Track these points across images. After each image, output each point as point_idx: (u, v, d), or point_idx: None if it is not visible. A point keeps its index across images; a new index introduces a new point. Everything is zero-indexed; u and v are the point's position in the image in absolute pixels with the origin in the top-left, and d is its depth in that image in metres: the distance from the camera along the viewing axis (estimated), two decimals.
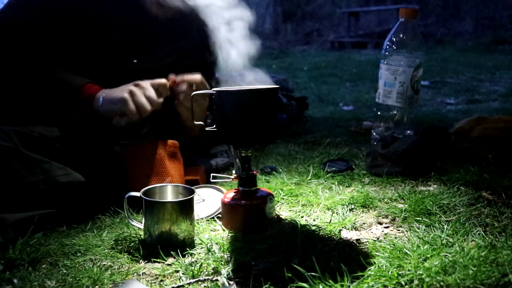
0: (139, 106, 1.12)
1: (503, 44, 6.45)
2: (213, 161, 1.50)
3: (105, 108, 1.14)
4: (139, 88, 1.13)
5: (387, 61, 1.57)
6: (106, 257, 0.89)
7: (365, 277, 0.75)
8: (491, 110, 2.63)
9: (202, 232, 1.00)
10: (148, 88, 1.14)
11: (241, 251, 0.88)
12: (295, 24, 9.89)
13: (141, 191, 0.97)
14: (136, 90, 1.12)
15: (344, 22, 8.91)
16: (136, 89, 1.13)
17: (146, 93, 1.13)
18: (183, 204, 0.95)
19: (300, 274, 0.76)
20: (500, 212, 1.02)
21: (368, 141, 1.78)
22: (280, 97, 2.25)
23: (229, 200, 1.02)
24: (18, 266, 0.85)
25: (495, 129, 1.52)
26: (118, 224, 1.06)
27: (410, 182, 1.28)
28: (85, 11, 1.22)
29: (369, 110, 2.65)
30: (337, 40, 8.42)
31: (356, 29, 8.55)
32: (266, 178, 1.37)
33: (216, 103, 0.99)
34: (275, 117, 1.00)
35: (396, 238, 0.93)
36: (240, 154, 1.03)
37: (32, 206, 0.99)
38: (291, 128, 2.14)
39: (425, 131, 1.58)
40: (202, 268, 0.83)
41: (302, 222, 1.04)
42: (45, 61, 1.18)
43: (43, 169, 1.03)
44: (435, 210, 1.05)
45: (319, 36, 9.29)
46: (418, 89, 1.58)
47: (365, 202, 1.13)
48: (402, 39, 1.55)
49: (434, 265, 0.76)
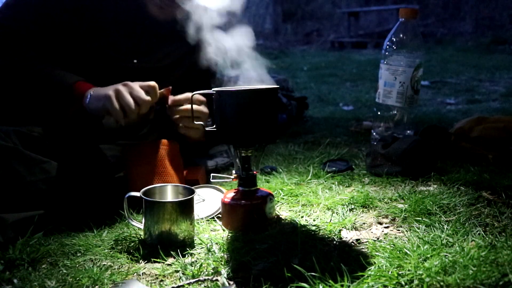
0: (123, 104, 1.08)
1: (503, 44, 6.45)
2: (213, 161, 1.50)
3: (91, 106, 1.12)
4: (126, 87, 1.11)
5: (387, 61, 1.57)
6: (106, 257, 0.89)
7: (365, 277, 0.75)
8: (491, 110, 2.63)
9: (202, 232, 1.00)
10: (135, 88, 1.11)
11: (241, 251, 0.88)
12: (295, 24, 9.89)
13: (141, 191, 0.97)
14: (122, 89, 1.10)
15: (344, 22, 8.91)
16: (123, 87, 1.10)
17: (132, 92, 1.10)
18: (183, 204, 0.95)
19: (300, 274, 0.76)
20: (500, 212, 1.02)
21: (368, 141, 1.78)
22: (280, 97, 2.25)
23: (229, 200, 1.02)
24: (18, 266, 0.85)
25: (495, 129, 1.52)
26: (118, 224, 1.06)
27: (410, 182, 1.28)
28: (85, 11, 1.22)
29: (369, 110, 2.65)
30: (337, 40, 8.41)
31: (356, 29, 8.54)
32: (266, 178, 1.37)
33: (216, 103, 0.99)
34: (275, 117, 1.00)
35: (396, 238, 0.93)
36: (240, 154, 1.03)
37: (32, 206, 0.99)
38: (291, 128, 2.14)
39: (425, 131, 1.58)
40: (202, 268, 0.83)
41: (302, 222, 1.04)
42: (38, 59, 1.18)
43: (43, 169, 1.03)
44: (435, 210, 1.05)
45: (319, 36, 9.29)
46: (418, 89, 1.58)
47: (365, 202, 1.13)
48: (402, 39, 1.55)
49: (434, 265, 0.76)
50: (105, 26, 1.24)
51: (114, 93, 1.09)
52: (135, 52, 1.28)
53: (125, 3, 1.27)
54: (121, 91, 1.09)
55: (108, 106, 1.09)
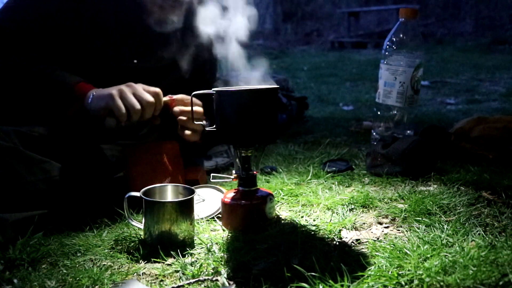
0: (127, 104, 1.08)
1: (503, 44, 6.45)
2: (213, 161, 1.50)
3: (93, 105, 1.12)
4: (129, 88, 1.11)
5: (387, 61, 1.57)
6: (106, 257, 0.89)
7: (365, 277, 0.75)
8: (491, 110, 2.63)
9: (202, 232, 1.00)
10: (138, 89, 1.11)
11: (241, 251, 0.88)
12: (295, 24, 9.89)
13: (141, 191, 0.97)
14: (125, 89, 1.10)
15: (344, 22, 8.91)
16: (126, 88, 1.11)
17: (136, 93, 1.10)
18: (183, 204, 0.95)
19: (300, 274, 0.76)
20: (500, 212, 1.02)
21: (368, 141, 1.78)
22: (280, 97, 2.25)
23: (229, 200, 1.02)
24: (18, 266, 0.85)
25: (495, 129, 1.52)
26: (118, 224, 1.06)
27: (410, 182, 1.28)
28: (85, 11, 1.22)
29: (369, 110, 2.65)
30: (337, 40, 8.41)
31: (356, 29, 8.54)
32: (266, 178, 1.37)
33: (216, 103, 0.99)
34: (275, 117, 1.00)
35: (396, 238, 0.93)
36: (240, 154, 1.03)
37: (32, 206, 0.99)
38: (291, 128, 2.14)
39: (425, 131, 1.58)
40: (202, 268, 0.83)
41: (302, 222, 1.04)
42: (39, 60, 1.18)
43: (43, 169, 1.03)
44: (435, 210, 1.05)
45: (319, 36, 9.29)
46: (418, 89, 1.58)
47: (365, 202, 1.13)
48: (402, 39, 1.55)
49: (434, 265, 0.76)
50: (105, 26, 1.24)
51: (118, 92, 1.10)
52: (135, 52, 1.28)
53: (125, 3, 1.27)
54: (124, 91, 1.10)
55: (111, 104, 1.08)
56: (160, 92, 1.14)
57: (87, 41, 1.22)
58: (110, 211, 1.10)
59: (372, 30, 8.57)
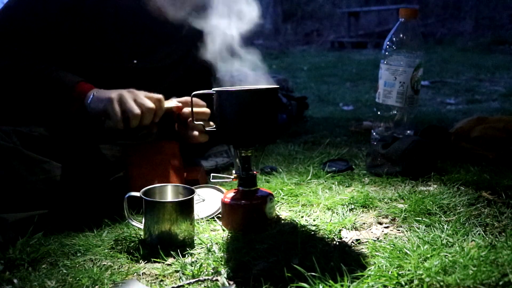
0: (125, 109, 1.07)
1: (503, 44, 6.45)
2: (213, 161, 1.50)
3: (92, 106, 1.12)
4: (130, 94, 1.10)
5: (387, 61, 1.57)
6: (106, 257, 0.89)
7: (365, 277, 0.75)
8: (491, 110, 2.63)
9: (202, 232, 1.00)
10: (139, 96, 1.10)
11: (241, 251, 0.88)
12: (295, 24, 9.89)
13: (141, 191, 0.97)
14: (126, 94, 1.09)
15: (344, 22, 8.91)
16: (127, 93, 1.10)
17: (137, 99, 1.09)
18: (183, 204, 0.95)
19: (300, 274, 0.76)
20: (500, 212, 1.02)
21: (368, 141, 1.78)
22: (280, 97, 2.25)
23: (229, 200, 1.02)
24: (18, 266, 0.85)
25: (495, 129, 1.52)
26: (118, 224, 1.06)
27: (410, 182, 1.28)
28: (85, 11, 1.22)
29: (369, 110, 2.65)
30: (337, 40, 8.41)
31: (356, 29, 8.54)
32: (266, 178, 1.37)
33: (216, 103, 0.99)
34: (275, 117, 1.00)
35: (396, 238, 0.93)
36: (240, 154, 1.03)
37: (32, 206, 0.99)
38: (291, 128, 2.14)
39: (425, 131, 1.58)
40: (202, 268, 0.83)
41: (302, 222, 1.04)
42: (39, 60, 1.18)
43: (43, 169, 1.03)
44: (435, 210, 1.05)
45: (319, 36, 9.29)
46: (418, 89, 1.58)
47: (365, 202, 1.13)
48: (402, 39, 1.55)
49: (434, 265, 0.76)
50: (105, 26, 1.24)
51: (117, 97, 1.08)
52: (135, 53, 1.28)
53: (125, 3, 1.27)
54: (124, 96, 1.09)
55: (109, 109, 1.08)
56: (162, 98, 1.13)
57: (86, 41, 1.22)
58: (110, 211, 1.10)
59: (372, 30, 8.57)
